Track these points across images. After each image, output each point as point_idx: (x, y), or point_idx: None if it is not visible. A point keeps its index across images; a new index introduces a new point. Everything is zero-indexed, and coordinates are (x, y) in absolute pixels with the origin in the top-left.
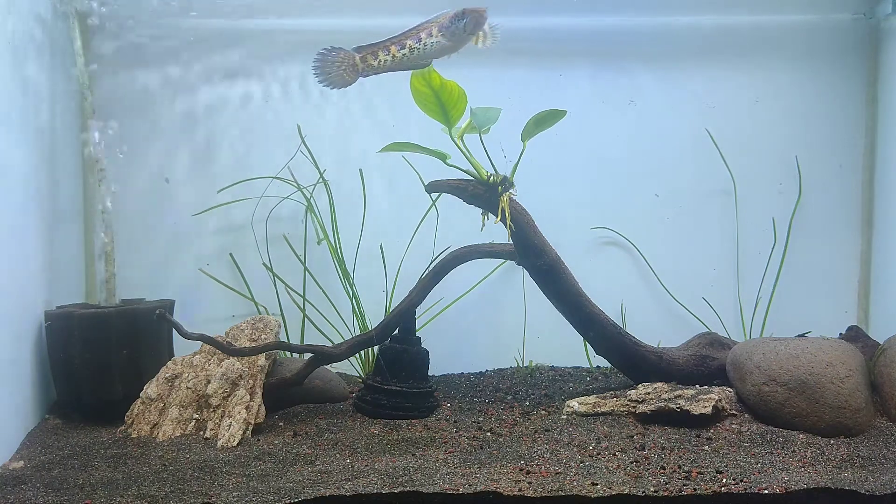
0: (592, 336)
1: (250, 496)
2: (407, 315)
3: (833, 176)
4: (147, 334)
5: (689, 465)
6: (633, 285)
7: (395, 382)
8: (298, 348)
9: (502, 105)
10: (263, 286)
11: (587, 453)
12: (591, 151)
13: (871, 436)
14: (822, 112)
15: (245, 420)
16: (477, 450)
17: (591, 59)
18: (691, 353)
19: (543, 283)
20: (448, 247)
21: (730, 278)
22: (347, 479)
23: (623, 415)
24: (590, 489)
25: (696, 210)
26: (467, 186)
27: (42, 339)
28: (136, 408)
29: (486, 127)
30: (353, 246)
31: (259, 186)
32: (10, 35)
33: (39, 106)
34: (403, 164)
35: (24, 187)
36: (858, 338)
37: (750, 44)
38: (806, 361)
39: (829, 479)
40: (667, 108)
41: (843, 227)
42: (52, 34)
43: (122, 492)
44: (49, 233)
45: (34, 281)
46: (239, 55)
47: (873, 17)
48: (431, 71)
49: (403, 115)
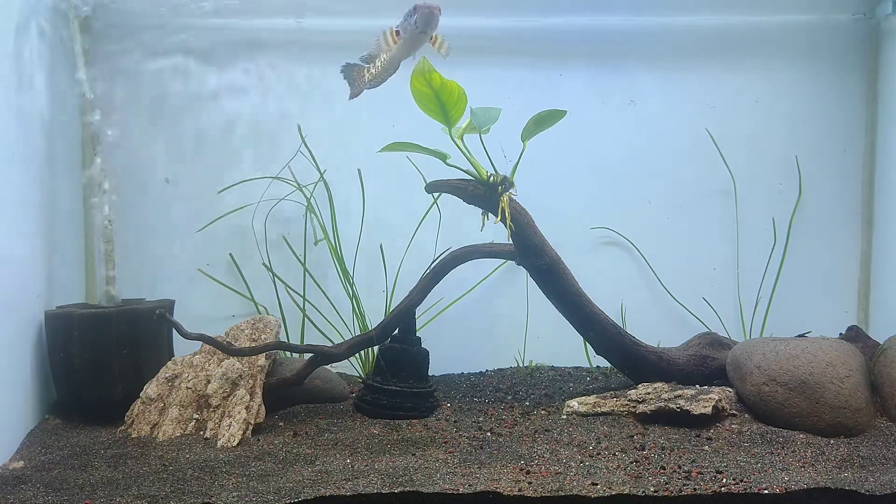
0: (592, 336)
1: (250, 496)
2: (407, 315)
3: (833, 176)
4: (147, 334)
5: (689, 465)
6: (633, 285)
7: (395, 382)
8: (298, 348)
9: (502, 105)
10: (263, 286)
11: (587, 453)
12: (591, 151)
13: (871, 436)
14: (823, 112)
15: (245, 420)
16: (477, 450)
17: (590, 59)
18: (691, 353)
19: (543, 283)
20: (448, 247)
21: (730, 278)
22: (347, 479)
23: (623, 415)
24: (590, 489)
25: (696, 210)
26: (467, 186)
27: (42, 339)
28: (136, 408)
29: (486, 127)
30: (353, 246)
31: (259, 187)
32: (9, 35)
33: (39, 105)
34: (403, 164)
35: (24, 187)
36: (858, 338)
37: (750, 44)
38: (806, 361)
39: (829, 479)
40: (667, 108)
41: (843, 227)
42: (52, 33)
43: (122, 492)
44: (49, 233)
45: (34, 281)
46: (239, 55)
47: (873, 17)
48: (432, 71)
49: (403, 115)
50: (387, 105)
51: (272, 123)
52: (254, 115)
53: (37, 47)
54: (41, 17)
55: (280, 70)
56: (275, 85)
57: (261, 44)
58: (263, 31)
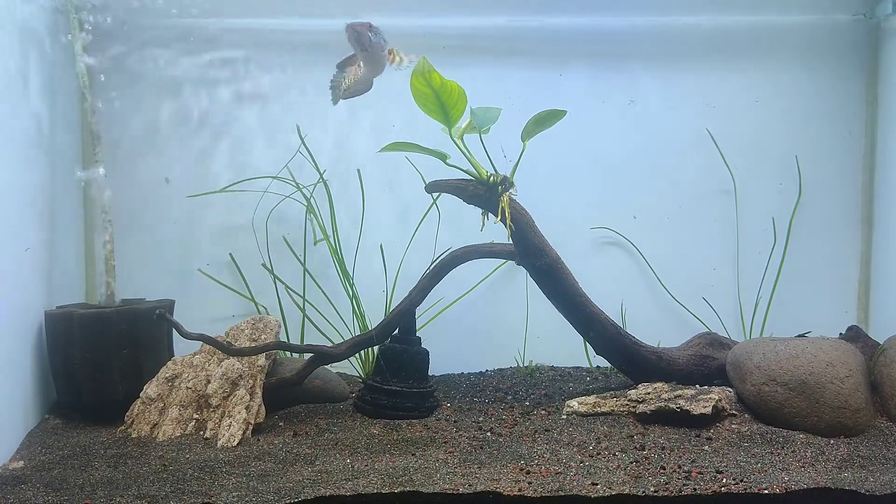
0: (592, 336)
1: (250, 496)
2: (407, 315)
3: (833, 176)
4: (147, 334)
5: (689, 465)
6: (633, 285)
7: (395, 382)
8: (298, 348)
9: (502, 105)
10: (263, 286)
11: (587, 453)
12: (591, 151)
13: (871, 436)
14: (823, 112)
15: (245, 420)
16: (477, 450)
17: (590, 59)
18: (691, 353)
19: (543, 283)
20: (448, 247)
21: (730, 278)
22: (347, 479)
23: (623, 415)
24: (590, 489)
25: (696, 210)
26: (467, 186)
27: (42, 339)
28: (136, 408)
29: (486, 127)
30: (353, 246)
31: (259, 187)
32: (8, 34)
33: (39, 105)
34: (403, 164)
35: (23, 187)
36: (858, 338)
37: (750, 44)
38: (806, 361)
39: (829, 479)
40: (667, 108)
41: (843, 227)
42: (51, 33)
43: (122, 492)
44: (49, 233)
45: (34, 281)
46: (239, 55)
47: (873, 17)
48: (432, 71)
49: (403, 115)
50: (387, 105)
51: (272, 123)
52: (254, 114)
53: (37, 46)
54: (41, 15)
55: (280, 70)
56: (277, 85)
57: (261, 43)
58: (263, 31)
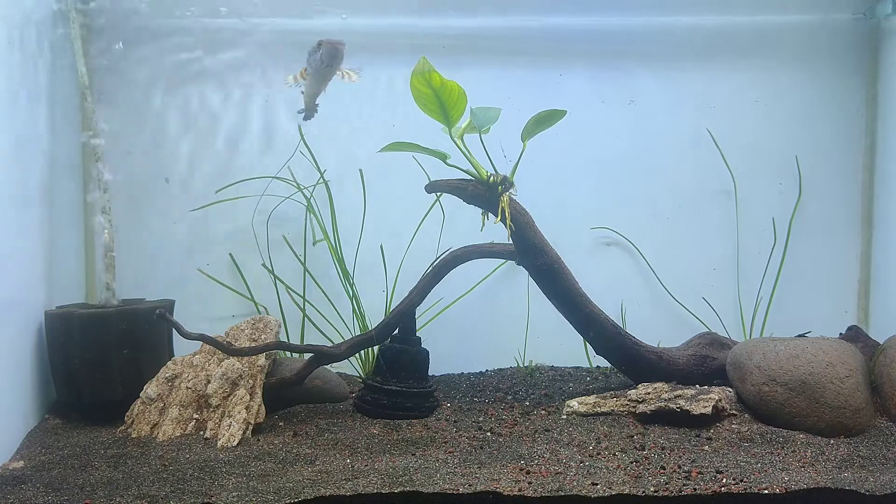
0: (592, 336)
1: (250, 496)
2: (407, 315)
3: (833, 176)
4: (147, 334)
5: (689, 465)
6: (633, 285)
7: (395, 382)
8: (298, 348)
9: (502, 105)
10: (263, 286)
11: (587, 453)
12: (591, 151)
13: (871, 436)
14: (823, 112)
15: (245, 420)
16: (477, 450)
17: (590, 59)
18: (691, 353)
19: (543, 283)
20: (448, 247)
21: (730, 278)
22: (347, 479)
23: (623, 415)
24: (590, 489)
25: (696, 210)
26: (467, 186)
27: (42, 339)
28: (136, 408)
29: (486, 127)
30: (353, 246)
31: (259, 187)
32: (9, 34)
33: (39, 105)
34: (403, 164)
35: (23, 187)
36: (858, 338)
37: (750, 44)
38: (806, 361)
39: (829, 479)
40: (667, 108)
41: (843, 227)
42: (51, 34)
43: (122, 492)
44: (49, 233)
45: (34, 281)
46: (239, 55)
47: (873, 17)
48: (432, 71)
49: (404, 115)
50: (387, 105)
51: (272, 123)
52: (254, 114)
53: (37, 46)
54: (41, 15)
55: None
56: (275, 85)
57: (261, 43)
58: (263, 30)
